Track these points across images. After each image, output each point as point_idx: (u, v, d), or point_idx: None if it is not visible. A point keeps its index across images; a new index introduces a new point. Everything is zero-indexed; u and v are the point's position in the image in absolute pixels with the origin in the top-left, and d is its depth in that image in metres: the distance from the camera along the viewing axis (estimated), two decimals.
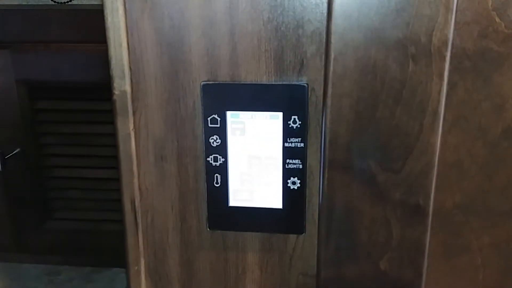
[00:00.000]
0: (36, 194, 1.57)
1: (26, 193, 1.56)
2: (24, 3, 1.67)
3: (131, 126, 0.50)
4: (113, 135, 0.51)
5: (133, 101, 0.49)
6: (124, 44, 0.48)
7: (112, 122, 0.50)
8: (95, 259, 1.62)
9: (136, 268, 0.55)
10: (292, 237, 0.52)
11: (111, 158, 1.48)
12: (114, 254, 1.57)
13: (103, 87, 1.48)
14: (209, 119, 0.48)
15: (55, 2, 1.64)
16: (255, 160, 0.49)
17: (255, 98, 0.47)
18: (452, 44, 0.40)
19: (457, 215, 0.45)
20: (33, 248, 1.62)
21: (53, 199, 1.59)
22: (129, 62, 0.48)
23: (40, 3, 1.65)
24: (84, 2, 1.64)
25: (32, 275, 1.60)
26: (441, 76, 0.40)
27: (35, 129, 1.51)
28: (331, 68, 0.41)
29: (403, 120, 0.41)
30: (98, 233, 1.58)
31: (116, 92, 0.49)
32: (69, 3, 1.64)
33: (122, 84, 0.49)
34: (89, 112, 1.47)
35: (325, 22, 0.43)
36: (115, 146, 0.50)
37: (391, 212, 0.44)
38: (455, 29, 0.39)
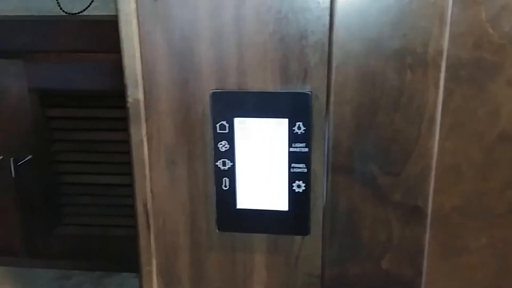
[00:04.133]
0: (47, 200, 1.59)
1: (37, 199, 1.59)
2: (36, 14, 1.71)
3: (144, 132, 0.53)
4: (123, 142, 0.54)
5: (145, 109, 0.52)
6: (138, 55, 0.50)
7: (122, 129, 0.53)
8: (105, 264, 1.64)
9: (148, 268, 0.57)
10: (298, 238, 0.54)
11: (120, 164, 1.51)
12: (124, 259, 1.59)
13: (113, 95, 1.51)
14: (217, 125, 0.51)
15: (66, 13, 1.68)
16: (262, 164, 0.51)
17: (262, 106, 0.50)
18: (448, 54, 0.42)
19: (455, 216, 0.47)
20: (44, 253, 1.64)
21: (64, 205, 1.62)
22: (142, 72, 0.51)
23: (52, 14, 1.68)
24: (95, 13, 1.67)
25: (43, 280, 1.62)
26: (436, 84, 0.42)
27: (47, 136, 1.54)
28: (333, 77, 0.43)
29: (401, 125, 0.43)
30: (108, 238, 1.60)
31: (129, 100, 0.51)
32: (80, 14, 1.67)
33: (135, 92, 0.51)
34: (100, 120, 1.50)
35: (327, 33, 0.45)
36: (124, 152, 0.52)
37: (392, 213, 0.46)
38: (450, 40, 0.42)
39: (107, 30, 1.38)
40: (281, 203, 0.52)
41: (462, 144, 0.45)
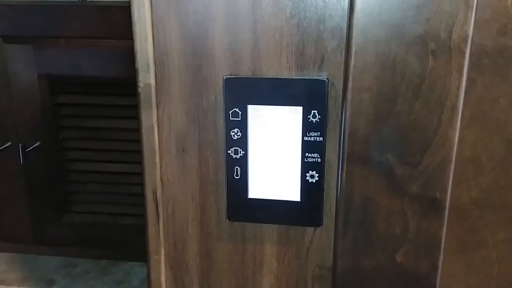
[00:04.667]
0: (55, 187, 1.59)
1: (45, 186, 1.58)
2: (46, 0, 1.70)
3: (155, 118, 0.51)
4: (132, 130, 0.52)
5: (157, 94, 0.51)
6: (150, 38, 0.49)
7: (131, 117, 0.52)
8: (112, 252, 1.64)
9: (156, 257, 0.56)
10: (309, 229, 0.53)
11: (129, 152, 1.50)
12: (130, 248, 1.59)
13: (122, 82, 1.50)
14: (230, 112, 0.49)
15: None
16: (275, 153, 0.50)
17: (276, 92, 0.48)
18: (472, 41, 0.40)
19: (473, 210, 0.45)
20: (51, 240, 1.64)
21: (72, 192, 1.62)
22: (154, 56, 0.49)
23: (63, 0, 1.67)
24: None
25: (50, 267, 1.62)
26: (460, 71, 0.41)
27: (56, 123, 1.54)
28: (352, 62, 0.42)
29: (421, 114, 0.42)
30: (115, 226, 1.60)
31: (140, 85, 0.50)
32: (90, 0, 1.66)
33: (146, 77, 0.50)
34: (109, 107, 1.49)
35: (346, 18, 0.44)
36: (133, 140, 0.51)
37: (408, 205, 0.44)
38: (474, 25, 0.40)
39: (117, 16, 1.37)
40: (293, 194, 0.51)
41: (483, 135, 0.43)
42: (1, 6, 1.46)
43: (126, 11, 0.49)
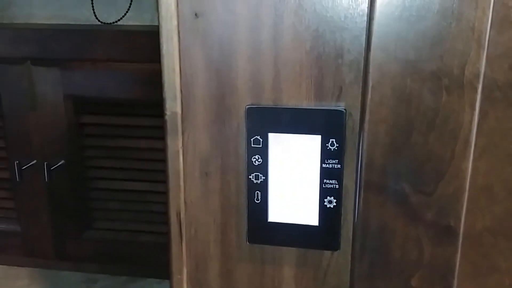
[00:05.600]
0: (78, 204, 1.62)
1: (68, 203, 1.62)
2: (72, 23, 1.75)
3: (180, 144, 0.54)
4: (153, 149, 0.55)
5: (182, 122, 0.53)
6: (177, 69, 0.51)
7: (153, 137, 0.54)
8: (131, 269, 1.66)
9: (179, 277, 0.58)
10: (327, 253, 0.54)
11: (150, 171, 1.53)
12: (149, 264, 1.61)
13: (144, 103, 1.54)
14: (252, 139, 0.52)
15: (102, 22, 1.72)
16: (294, 179, 0.52)
17: (296, 122, 0.50)
18: (484, 76, 0.42)
19: (487, 237, 0.46)
20: (72, 256, 1.67)
21: (94, 209, 1.65)
22: (181, 86, 0.52)
23: (88, 24, 1.73)
24: (130, 23, 1.70)
25: (70, 282, 1.65)
26: (472, 106, 0.42)
27: (80, 142, 1.57)
28: (369, 96, 0.44)
29: (435, 146, 0.44)
30: (135, 243, 1.62)
31: (167, 113, 0.53)
32: (115, 23, 1.71)
33: (173, 105, 0.53)
34: (131, 127, 1.52)
35: (363, 53, 0.46)
36: (154, 160, 0.53)
37: (423, 232, 0.46)
38: (486, 62, 0.42)
39: (140, 40, 1.41)
40: (312, 218, 0.53)
41: (496, 165, 0.45)
42: (30, 30, 1.52)
43: (149, 35, 0.52)
